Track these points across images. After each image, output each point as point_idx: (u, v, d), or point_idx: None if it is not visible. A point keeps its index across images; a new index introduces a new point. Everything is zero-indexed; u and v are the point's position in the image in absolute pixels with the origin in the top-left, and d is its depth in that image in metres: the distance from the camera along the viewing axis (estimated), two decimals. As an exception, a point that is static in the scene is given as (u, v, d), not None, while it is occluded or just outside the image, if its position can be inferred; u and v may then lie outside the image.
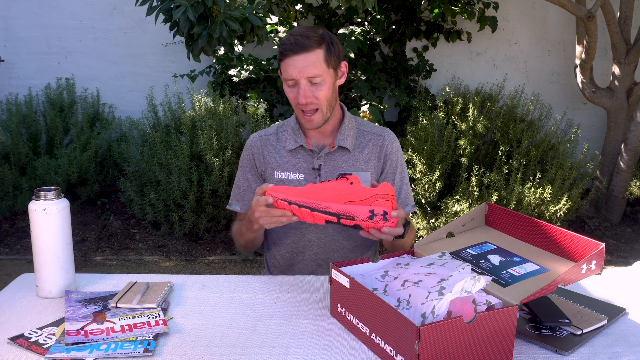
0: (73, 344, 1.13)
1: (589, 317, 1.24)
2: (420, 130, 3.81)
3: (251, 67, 3.96)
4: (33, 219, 1.32)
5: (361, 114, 3.64)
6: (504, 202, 3.55)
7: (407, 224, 1.50)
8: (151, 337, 1.17)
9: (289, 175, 1.64)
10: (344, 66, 1.62)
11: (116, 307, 1.29)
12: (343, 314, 1.23)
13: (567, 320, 1.21)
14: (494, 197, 3.53)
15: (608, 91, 4.12)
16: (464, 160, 3.81)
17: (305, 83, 1.52)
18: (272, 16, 3.94)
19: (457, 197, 3.63)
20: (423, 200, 3.72)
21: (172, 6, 2.44)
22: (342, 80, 1.62)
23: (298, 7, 4.18)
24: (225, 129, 3.67)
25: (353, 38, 3.82)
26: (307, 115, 1.56)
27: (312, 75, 1.52)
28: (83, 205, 4.13)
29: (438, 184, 3.70)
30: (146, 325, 1.21)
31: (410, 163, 3.79)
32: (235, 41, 2.89)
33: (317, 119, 1.58)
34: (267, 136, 1.70)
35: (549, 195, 3.54)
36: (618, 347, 1.15)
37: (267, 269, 1.80)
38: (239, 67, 3.98)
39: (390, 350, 1.07)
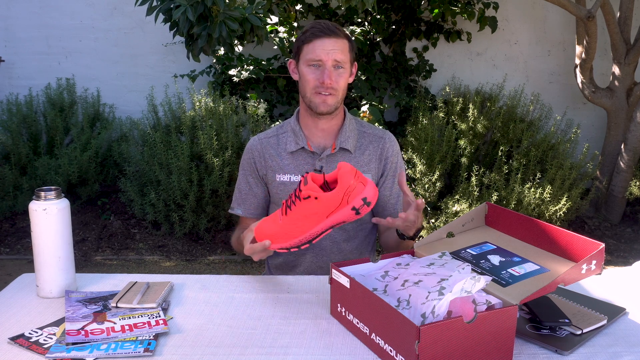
0: (73, 343, 1.14)
1: (588, 317, 1.24)
2: (420, 130, 3.81)
3: (251, 67, 3.97)
4: (33, 219, 1.32)
5: (361, 114, 3.64)
6: (504, 202, 3.55)
7: (420, 229, 1.51)
8: (151, 337, 1.17)
9: (290, 177, 1.64)
10: (355, 67, 1.66)
11: (116, 307, 1.29)
12: (343, 314, 1.23)
13: (567, 320, 1.21)
14: (494, 197, 3.54)
15: (608, 91, 4.12)
16: (464, 160, 3.81)
17: (330, 66, 1.56)
18: (272, 16, 3.94)
19: (457, 197, 3.63)
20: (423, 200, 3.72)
21: (171, 6, 2.44)
22: (351, 79, 1.64)
23: (298, 7, 4.18)
24: (226, 129, 3.68)
25: (353, 38, 3.82)
26: (323, 95, 1.57)
27: (339, 59, 1.56)
28: (83, 205, 4.13)
29: (438, 184, 3.70)
30: (146, 325, 1.21)
31: (410, 163, 3.79)
32: (235, 41, 2.89)
33: (331, 101, 1.58)
34: (267, 139, 1.70)
35: (548, 195, 3.54)
36: (618, 347, 1.15)
37: (268, 270, 1.80)
38: (239, 67, 3.98)
39: (390, 350, 1.07)
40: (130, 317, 1.24)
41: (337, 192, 1.24)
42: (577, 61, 4.15)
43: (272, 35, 3.98)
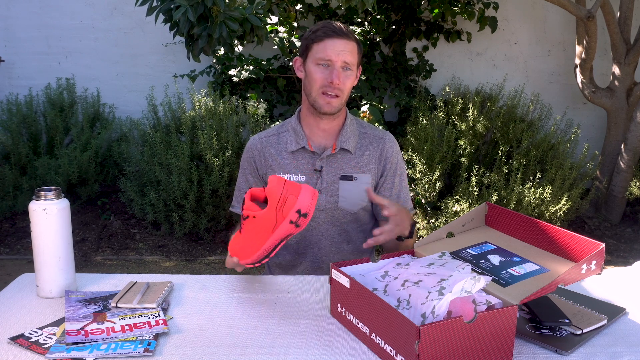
0: (73, 343, 1.14)
1: (589, 317, 1.24)
2: (420, 130, 3.81)
3: (251, 67, 3.97)
4: (33, 219, 1.32)
5: (361, 114, 3.64)
6: (504, 202, 3.55)
7: (413, 224, 1.51)
8: (151, 337, 1.17)
9: (290, 177, 1.64)
10: (359, 70, 1.67)
11: (116, 307, 1.29)
12: (343, 314, 1.23)
13: (567, 320, 1.21)
14: (494, 197, 3.54)
15: (608, 91, 4.12)
16: (464, 160, 3.81)
17: (339, 67, 1.56)
18: (272, 16, 3.94)
19: (457, 197, 3.63)
20: (423, 200, 3.72)
21: (172, 6, 2.44)
22: (355, 82, 1.65)
23: (298, 7, 4.18)
24: (226, 129, 3.68)
25: (353, 38, 3.81)
26: (329, 96, 1.58)
27: (348, 61, 1.57)
28: (83, 205, 4.13)
29: (438, 184, 3.70)
30: (146, 325, 1.21)
31: (410, 163, 3.79)
32: (235, 41, 2.90)
33: (336, 103, 1.59)
34: (267, 138, 1.70)
35: (548, 195, 3.54)
36: (618, 347, 1.15)
37: (268, 270, 1.80)
38: (239, 67, 3.98)
39: (390, 350, 1.07)
40: (130, 317, 1.24)
41: (270, 209, 1.27)
42: (577, 61, 4.15)
43: (272, 35, 3.98)
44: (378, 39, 4.32)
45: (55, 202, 1.32)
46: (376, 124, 3.50)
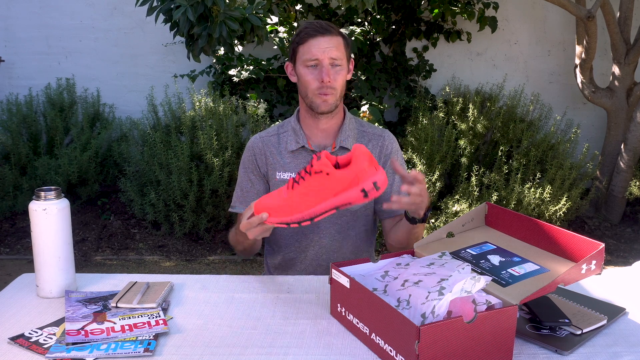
0: (73, 343, 1.14)
1: (588, 317, 1.24)
2: (420, 130, 3.81)
3: (251, 67, 3.97)
4: (33, 219, 1.32)
5: (361, 114, 3.64)
6: (504, 202, 3.55)
7: (428, 209, 1.48)
8: (151, 337, 1.17)
9: (290, 175, 1.65)
10: (351, 63, 1.66)
11: (116, 307, 1.29)
12: (343, 314, 1.23)
13: (567, 320, 1.21)
14: (494, 197, 3.54)
15: (608, 91, 4.12)
16: (464, 160, 3.81)
17: (327, 64, 1.56)
18: (272, 16, 3.94)
19: (457, 197, 3.63)
20: (423, 200, 3.72)
21: (172, 6, 2.44)
22: (349, 76, 1.65)
23: (298, 7, 4.18)
24: (226, 129, 3.68)
25: (353, 38, 3.82)
26: (323, 94, 1.57)
27: (335, 57, 1.56)
28: (83, 205, 4.13)
29: (438, 184, 3.70)
30: (146, 325, 1.21)
31: (410, 163, 3.79)
32: (235, 41, 2.90)
33: (331, 100, 1.59)
34: (268, 137, 1.71)
35: (548, 195, 3.54)
36: (618, 347, 1.15)
37: (268, 270, 1.81)
38: (239, 67, 3.98)
39: (390, 350, 1.07)
40: (130, 317, 1.24)
41: (350, 171, 1.23)
42: (577, 61, 4.15)
43: (272, 35, 3.98)
44: (378, 39, 4.32)
45: (55, 202, 1.32)
46: (376, 124, 3.50)
